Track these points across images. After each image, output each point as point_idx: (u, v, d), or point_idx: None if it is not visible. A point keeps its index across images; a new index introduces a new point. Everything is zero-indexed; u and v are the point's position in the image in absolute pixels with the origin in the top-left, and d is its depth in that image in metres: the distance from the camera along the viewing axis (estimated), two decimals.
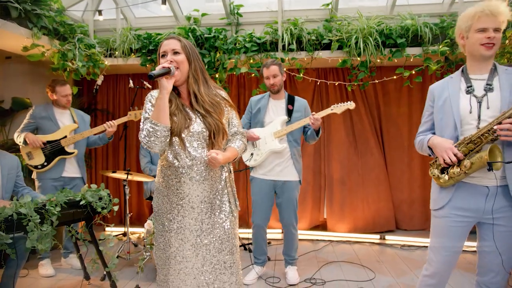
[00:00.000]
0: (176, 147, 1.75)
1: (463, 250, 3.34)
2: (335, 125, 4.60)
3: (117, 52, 4.28)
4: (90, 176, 5.10)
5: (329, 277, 3.21)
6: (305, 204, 4.65)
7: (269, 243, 4.25)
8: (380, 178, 4.58)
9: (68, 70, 3.60)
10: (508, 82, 1.77)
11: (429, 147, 1.92)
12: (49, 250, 2.79)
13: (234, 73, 4.13)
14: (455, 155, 1.75)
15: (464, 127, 1.82)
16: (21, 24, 3.11)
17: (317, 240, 4.39)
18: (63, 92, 3.34)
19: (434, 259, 1.92)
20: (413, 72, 3.95)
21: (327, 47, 4.03)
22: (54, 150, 3.34)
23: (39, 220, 2.33)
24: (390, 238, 4.30)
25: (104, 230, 4.58)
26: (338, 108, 3.09)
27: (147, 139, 1.67)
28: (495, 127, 1.66)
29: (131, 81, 4.19)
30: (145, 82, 4.26)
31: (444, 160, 1.79)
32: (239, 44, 4.07)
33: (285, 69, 4.14)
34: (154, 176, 4.04)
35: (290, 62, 4.09)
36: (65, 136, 3.35)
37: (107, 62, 4.21)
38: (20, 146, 3.32)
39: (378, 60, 3.91)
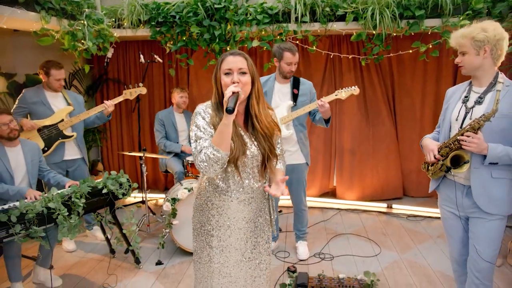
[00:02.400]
0: (229, 174, 1.71)
1: None
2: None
3: (125, 23, 4.20)
4: (107, 155, 5.25)
5: (337, 251, 3.42)
6: (315, 172, 4.77)
7: (280, 211, 4.46)
8: (391, 148, 4.63)
9: (78, 50, 3.57)
10: (493, 97, 1.90)
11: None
12: None
13: (246, 45, 4.04)
14: (434, 156, 2.01)
15: (451, 132, 2.05)
16: (29, 9, 3.05)
17: (326, 208, 4.58)
18: (57, 76, 3.28)
19: (448, 247, 2.24)
20: (430, 46, 3.82)
21: (342, 18, 3.87)
22: (53, 135, 3.35)
23: (67, 213, 2.50)
24: (397, 207, 4.47)
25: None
26: (342, 93, 3.06)
27: (205, 164, 1.56)
28: (458, 137, 1.90)
29: (141, 56, 4.16)
30: (155, 56, 4.22)
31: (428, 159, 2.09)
32: (250, 15, 3.93)
33: (298, 41, 4.06)
34: (169, 152, 4.17)
35: (303, 34, 3.97)
36: (62, 120, 3.37)
37: (116, 33, 4.14)
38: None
39: (394, 34, 3.78)
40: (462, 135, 1.88)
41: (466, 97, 2.02)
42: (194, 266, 1.89)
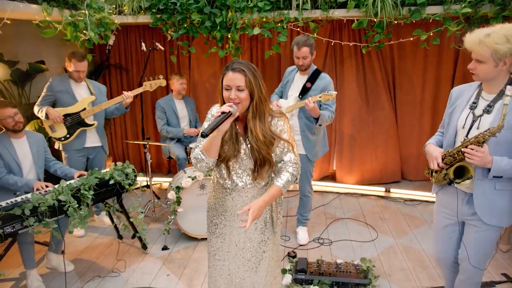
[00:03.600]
0: (223, 171, 1.87)
1: None
2: (348, 81, 4.59)
3: (126, 9, 4.19)
4: (111, 144, 5.33)
5: (335, 236, 3.56)
6: None
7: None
8: (390, 132, 4.70)
9: (81, 40, 3.59)
10: (509, 107, 1.76)
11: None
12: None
13: (247, 33, 4.05)
14: (438, 164, 1.96)
15: (457, 138, 1.99)
16: (30, 1, 3.06)
17: (326, 192, 4.70)
18: (77, 68, 3.37)
19: (434, 245, 2.28)
20: (431, 34, 3.82)
21: (343, 5, 3.86)
22: (75, 122, 3.49)
23: (77, 205, 2.62)
24: (395, 191, 4.59)
25: None
26: (323, 96, 3.02)
27: (194, 161, 1.79)
28: (462, 149, 1.84)
29: (143, 44, 4.17)
30: (157, 44, 4.23)
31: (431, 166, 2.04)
32: (251, 2, 3.92)
33: (299, 29, 4.05)
34: (171, 139, 4.25)
35: (304, 22, 3.97)
36: (84, 109, 3.49)
37: (117, 20, 4.14)
38: (43, 120, 3.48)
39: (396, 22, 3.77)
40: (466, 147, 1.81)
41: (474, 103, 1.92)
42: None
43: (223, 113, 1.62)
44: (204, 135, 1.59)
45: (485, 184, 1.89)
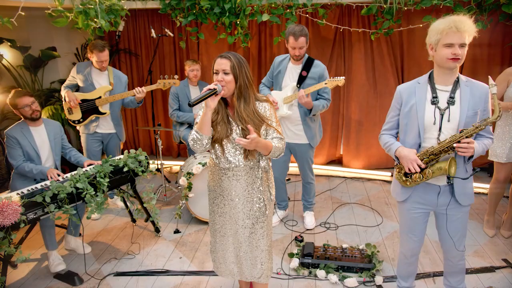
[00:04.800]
0: (218, 152, 2.09)
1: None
2: (356, 66, 4.59)
3: None
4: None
5: (341, 221, 3.67)
6: (323, 141, 4.92)
7: (288, 179, 4.69)
8: None
9: (91, 28, 3.63)
10: (467, 95, 1.92)
11: (396, 156, 2.12)
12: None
13: (256, 19, 4.05)
14: (419, 165, 1.98)
15: (426, 135, 2.01)
16: None
17: (333, 176, 4.80)
18: (100, 58, 3.46)
19: (405, 242, 2.30)
20: None
21: None
22: (89, 109, 3.61)
23: (94, 192, 2.74)
24: None
25: None
26: (330, 82, 3.06)
27: (192, 142, 2.00)
28: (454, 145, 1.88)
29: (153, 31, 4.20)
30: (166, 30, 4.26)
31: (409, 169, 2.03)
32: None
33: (307, 15, 4.04)
34: (182, 124, 4.33)
35: (313, 8, 3.96)
36: (100, 97, 3.58)
37: (126, 6, 4.15)
38: (63, 102, 3.59)
39: (405, 8, 3.75)
40: (459, 141, 1.87)
41: (435, 97, 1.96)
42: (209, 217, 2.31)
43: (209, 89, 1.85)
44: (190, 105, 1.80)
45: (462, 170, 2.00)
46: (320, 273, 2.82)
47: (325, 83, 3.07)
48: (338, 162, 5.16)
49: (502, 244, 3.20)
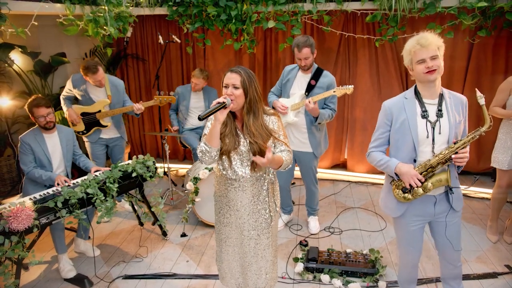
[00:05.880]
0: (225, 163, 2.13)
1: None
2: (361, 72, 4.64)
3: (142, 1, 4.28)
4: (129, 132, 5.53)
5: (345, 226, 3.72)
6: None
7: (293, 183, 4.74)
8: None
9: (101, 35, 3.71)
10: (451, 106, 2.02)
11: (396, 173, 2.11)
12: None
13: (262, 26, 4.11)
14: (419, 180, 2.02)
15: (420, 149, 2.05)
16: (54, 0, 3.18)
17: (337, 180, 4.84)
18: (95, 79, 3.44)
19: (405, 255, 2.34)
20: (445, 27, 3.84)
21: None
22: (91, 122, 3.68)
23: (104, 197, 2.81)
24: None
25: None
26: (339, 90, 3.13)
27: (201, 154, 2.02)
28: (453, 156, 1.97)
29: (160, 37, 4.27)
30: (173, 36, 4.33)
31: (410, 184, 2.05)
32: None
33: (313, 22, 4.09)
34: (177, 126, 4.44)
35: (319, 15, 4.01)
36: (100, 111, 3.64)
37: (134, 12, 4.23)
38: (66, 115, 3.67)
39: (409, 15, 3.79)
40: (456, 153, 1.96)
41: (425, 111, 2.01)
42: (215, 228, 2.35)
43: (218, 103, 1.88)
44: (200, 118, 1.85)
45: (454, 179, 2.08)
46: (324, 277, 2.87)
47: (334, 91, 3.13)
48: (343, 166, 5.20)
49: (505, 250, 3.23)
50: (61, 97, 3.68)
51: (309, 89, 3.24)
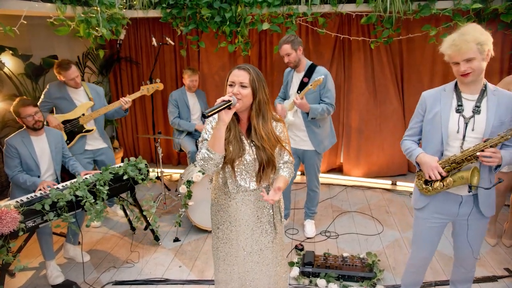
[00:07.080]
0: (227, 174, 1.90)
1: None
2: (356, 75, 4.61)
3: (136, 4, 4.23)
4: (122, 136, 5.46)
5: (342, 230, 3.65)
6: None
7: None
8: (397, 126, 4.73)
9: (93, 36, 3.65)
10: (494, 104, 1.88)
11: (417, 162, 2.09)
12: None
13: (256, 28, 4.07)
14: (440, 173, 1.95)
15: (449, 144, 1.98)
16: (45, 0, 3.12)
17: (333, 184, 4.78)
18: (68, 77, 3.33)
19: (417, 252, 2.26)
20: (440, 29, 3.82)
21: (352, 0, 3.87)
22: (74, 128, 3.51)
23: (93, 200, 2.73)
24: (401, 184, 4.66)
25: None
26: (313, 83, 3.04)
27: (202, 162, 1.77)
28: (477, 154, 1.84)
29: (154, 40, 4.22)
30: (167, 39, 4.28)
31: (429, 176, 1.99)
32: None
33: (307, 24, 4.05)
34: (181, 131, 4.35)
35: (313, 17, 3.99)
36: (83, 114, 3.51)
37: (127, 14, 4.19)
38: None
39: (404, 17, 3.77)
40: (483, 150, 1.83)
41: (460, 105, 1.93)
42: (212, 244, 2.13)
43: (223, 101, 1.66)
44: (204, 116, 1.62)
45: (485, 181, 1.95)
46: (321, 282, 2.79)
47: (310, 85, 3.04)
48: (339, 170, 5.15)
49: (504, 253, 3.17)
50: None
51: (302, 87, 3.20)
